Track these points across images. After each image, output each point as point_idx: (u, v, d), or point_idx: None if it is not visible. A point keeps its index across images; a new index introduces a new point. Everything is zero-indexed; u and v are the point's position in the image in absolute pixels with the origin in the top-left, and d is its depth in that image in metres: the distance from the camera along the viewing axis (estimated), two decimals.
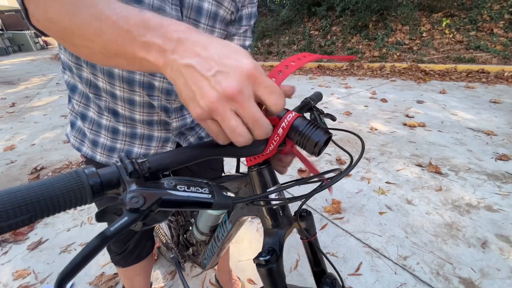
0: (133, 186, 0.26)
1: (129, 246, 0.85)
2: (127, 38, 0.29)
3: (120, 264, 0.90)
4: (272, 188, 0.46)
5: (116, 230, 0.23)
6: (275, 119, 0.37)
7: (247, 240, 1.49)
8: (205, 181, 0.30)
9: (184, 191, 0.28)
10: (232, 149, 0.34)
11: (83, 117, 0.65)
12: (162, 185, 0.27)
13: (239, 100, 0.26)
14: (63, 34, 0.34)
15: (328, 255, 1.36)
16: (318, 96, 0.62)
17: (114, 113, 0.62)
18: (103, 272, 1.33)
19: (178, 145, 0.72)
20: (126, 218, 0.24)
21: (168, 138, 0.69)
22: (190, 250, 0.95)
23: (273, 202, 0.48)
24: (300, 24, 7.77)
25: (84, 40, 0.32)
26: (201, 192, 0.28)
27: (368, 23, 6.42)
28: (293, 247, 1.41)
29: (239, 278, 1.24)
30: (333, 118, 0.60)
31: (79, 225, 1.68)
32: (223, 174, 0.98)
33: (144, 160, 0.28)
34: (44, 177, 2.26)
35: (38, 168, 2.40)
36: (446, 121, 2.81)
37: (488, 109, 3.02)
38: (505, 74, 4.17)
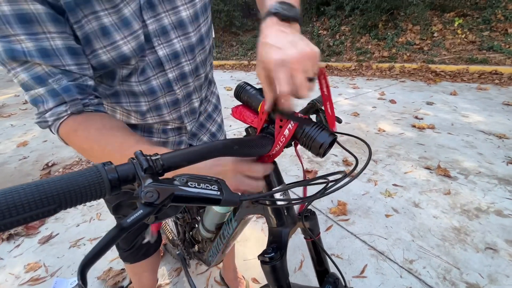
0: (148, 182, 0.27)
1: (137, 243, 0.88)
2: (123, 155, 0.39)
3: (128, 260, 0.92)
4: (277, 188, 0.48)
5: (132, 221, 0.25)
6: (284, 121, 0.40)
7: (252, 240, 1.50)
8: (214, 179, 0.31)
9: (195, 187, 0.29)
10: (240, 149, 0.36)
11: None
12: (175, 181, 0.29)
13: (240, 189, 0.40)
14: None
15: (332, 257, 1.35)
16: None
17: (132, 128, 0.65)
18: (111, 267, 1.37)
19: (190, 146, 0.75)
20: (141, 211, 0.25)
21: (181, 141, 0.72)
22: (196, 247, 0.97)
23: (278, 202, 0.49)
24: (309, 24, 7.73)
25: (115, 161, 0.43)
26: (211, 189, 0.30)
27: (378, 22, 6.33)
28: (298, 247, 1.41)
29: (243, 276, 1.25)
30: (338, 120, 0.60)
31: (88, 220, 1.72)
32: None
33: (158, 157, 0.29)
34: (55, 173, 2.32)
35: (50, 164, 2.46)
36: (457, 123, 2.75)
37: (500, 112, 2.95)
38: None
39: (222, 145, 0.34)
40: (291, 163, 2.24)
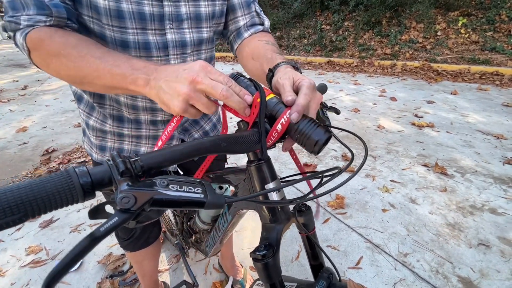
0: (124, 186, 0.25)
1: (136, 232, 0.88)
2: (120, 79, 0.42)
3: (128, 249, 0.93)
4: (266, 190, 0.45)
5: (106, 230, 0.23)
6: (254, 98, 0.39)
7: (250, 230, 1.52)
8: (198, 180, 0.30)
9: (177, 190, 0.28)
10: (228, 146, 0.34)
11: (87, 125, 0.68)
12: (155, 184, 0.27)
13: (199, 80, 0.37)
14: (66, 80, 0.47)
15: (329, 248, 1.38)
16: (322, 88, 0.59)
17: (119, 119, 0.64)
18: (111, 252, 1.39)
19: (183, 142, 0.74)
20: (116, 218, 0.24)
21: (172, 136, 0.70)
22: (194, 237, 0.98)
23: (270, 198, 0.47)
24: (312, 18, 7.65)
25: (85, 84, 0.46)
26: (194, 192, 0.28)
27: (382, 19, 6.29)
28: (295, 238, 1.44)
29: (241, 264, 1.28)
30: (337, 112, 0.58)
31: (89, 206, 1.73)
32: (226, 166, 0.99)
33: (136, 158, 0.28)
34: (55, 160, 2.33)
35: (50, 151, 2.46)
36: (456, 122, 2.78)
37: (499, 112, 2.97)
38: None
39: (209, 142, 0.33)
40: (289, 156, 2.25)
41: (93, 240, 0.23)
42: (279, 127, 0.37)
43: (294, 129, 0.36)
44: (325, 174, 0.41)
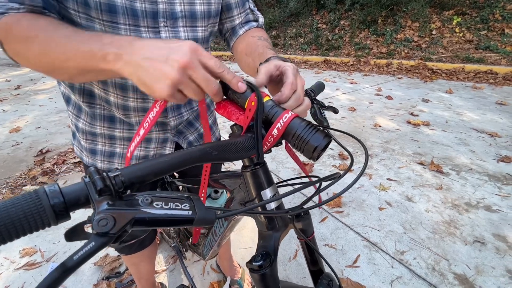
0: (104, 206, 0.23)
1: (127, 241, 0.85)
2: (89, 56, 0.37)
3: (124, 252, 0.91)
4: (262, 202, 0.42)
5: (80, 259, 0.21)
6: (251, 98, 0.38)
7: (247, 229, 1.52)
8: (185, 195, 0.28)
9: (162, 208, 0.25)
10: (219, 154, 0.32)
11: (77, 128, 0.66)
12: (137, 202, 0.25)
13: (192, 66, 0.34)
14: (38, 69, 0.42)
15: (327, 247, 1.39)
16: (319, 87, 0.58)
17: (110, 120, 0.62)
18: (107, 253, 1.37)
19: (177, 144, 0.72)
20: (93, 243, 0.21)
21: (166, 138, 0.69)
22: (191, 240, 0.98)
23: (268, 207, 0.45)
24: (308, 17, 7.66)
25: (56, 70, 0.42)
26: (181, 208, 0.26)
27: (378, 18, 6.31)
28: (293, 237, 1.44)
29: (239, 264, 1.27)
30: (335, 111, 0.57)
31: None
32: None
33: (117, 173, 0.25)
34: (49, 160, 2.29)
35: (44, 151, 2.43)
36: (451, 120, 2.80)
37: (493, 111, 3.00)
38: None
39: (198, 151, 0.30)
40: (287, 155, 2.25)
41: (64, 271, 0.20)
42: (275, 132, 0.35)
43: (291, 134, 0.34)
44: (323, 180, 0.40)
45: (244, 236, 1.48)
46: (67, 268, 0.20)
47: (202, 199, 0.49)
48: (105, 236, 0.22)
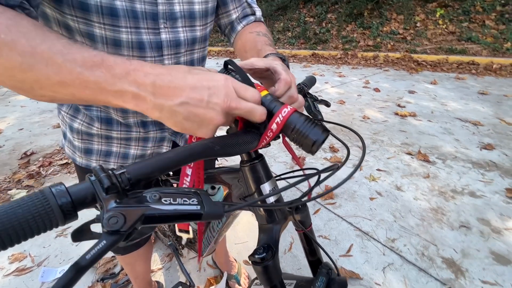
0: (112, 204, 0.23)
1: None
2: (96, 89, 0.31)
3: (119, 252, 0.90)
4: (264, 195, 0.43)
5: (93, 257, 0.21)
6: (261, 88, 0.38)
7: (243, 223, 1.53)
8: (193, 190, 0.27)
9: (170, 204, 0.25)
10: (222, 149, 0.32)
11: (71, 128, 0.64)
12: (145, 199, 0.25)
13: (233, 107, 0.32)
14: (20, 87, 0.32)
15: (321, 238, 1.41)
16: (311, 81, 0.59)
17: (108, 122, 0.61)
18: None
19: (174, 143, 0.72)
20: (104, 241, 0.21)
21: (163, 137, 0.68)
22: (187, 238, 0.97)
23: (268, 201, 0.46)
24: (295, 10, 7.64)
25: (37, 90, 0.32)
26: (189, 204, 0.26)
27: (364, 11, 6.37)
28: (287, 230, 1.46)
29: (235, 259, 1.28)
30: (327, 104, 0.59)
31: None
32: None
33: (122, 171, 0.25)
34: (35, 163, 2.22)
35: (28, 153, 2.35)
36: (436, 111, 2.88)
37: (476, 100, 3.11)
38: (494, 66, 4.27)
39: (201, 147, 0.30)
40: (279, 149, 2.27)
41: (78, 270, 0.20)
42: (274, 126, 0.35)
43: (291, 129, 0.35)
44: (322, 172, 0.40)
45: (239, 231, 1.49)
46: (80, 267, 0.20)
47: None
48: (116, 234, 0.22)
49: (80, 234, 0.25)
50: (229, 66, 0.40)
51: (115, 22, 0.47)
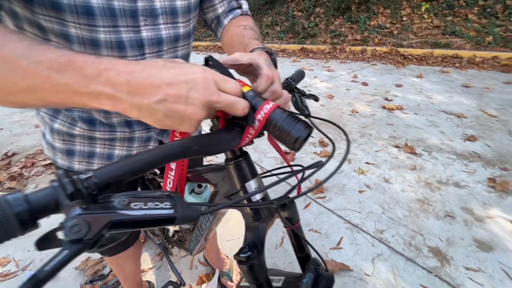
0: (76, 210, 0.22)
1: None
2: (69, 92, 0.29)
3: (106, 254, 0.88)
4: (246, 195, 0.42)
5: (54, 268, 0.19)
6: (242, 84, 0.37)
7: (234, 220, 1.53)
8: (166, 193, 0.26)
9: (141, 208, 0.24)
10: (200, 149, 0.30)
11: (52, 129, 0.61)
12: (113, 204, 0.24)
13: (214, 100, 0.30)
14: None
15: (311, 232, 1.43)
16: (300, 75, 0.58)
17: (90, 122, 0.59)
18: (89, 257, 1.32)
19: (161, 143, 0.70)
20: (66, 251, 0.20)
21: (150, 137, 0.67)
22: (176, 236, 0.96)
23: (254, 198, 0.45)
24: (283, 4, 7.59)
25: (16, 97, 0.31)
26: (161, 207, 0.25)
27: (351, 5, 6.39)
28: (279, 224, 1.47)
29: (227, 256, 1.28)
30: (315, 99, 0.58)
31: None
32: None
33: (89, 175, 0.23)
34: (17, 164, 2.14)
35: (9, 154, 2.26)
36: (422, 104, 2.94)
37: (460, 93, 3.19)
38: (476, 59, 4.39)
39: (178, 147, 0.29)
40: (269, 145, 2.26)
41: (36, 284, 0.19)
42: (256, 123, 0.34)
43: (273, 125, 0.34)
44: (306, 169, 0.40)
45: (230, 228, 1.48)
46: (38, 280, 0.19)
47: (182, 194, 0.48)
48: (80, 242, 0.21)
49: (46, 242, 0.23)
50: (210, 62, 0.38)
51: (92, 22, 0.45)
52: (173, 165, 0.47)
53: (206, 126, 0.46)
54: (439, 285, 1.14)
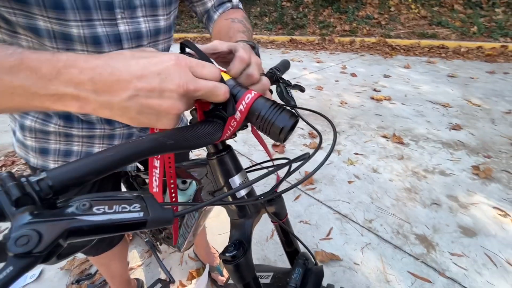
0: (23, 219, 0.18)
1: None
2: (26, 95, 0.25)
3: (90, 254, 0.86)
4: (234, 189, 0.38)
5: None
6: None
7: (223, 214, 1.51)
8: (135, 195, 0.24)
9: (104, 213, 0.21)
10: (176, 143, 0.28)
11: (22, 127, 0.57)
12: (71, 209, 0.21)
13: (191, 89, 0.28)
14: None
15: (301, 223, 1.43)
16: (285, 65, 0.56)
17: (67, 118, 0.55)
18: (74, 256, 1.29)
19: None
20: (10, 268, 0.17)
21: (131, 133, 0.64)
22: (164, 233, 0.94)
23: (238, 194, 0.43)
24: None
25: None
26: (129, 211, 0.22)
27: None
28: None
29: (217, 251, 1.27)
30: (302, 89, 0.56)
31: None
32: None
33: (41, 177, 0.20)
34: None
35: None
36: (409, 94, 2.98)
37: (445, 83, 3.24)
38: (461, 49, 4.46)
39: (150, 142, 0.26)
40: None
41: None
42: (237, 114, 0.32)
43: (256, 116, 0.32)
44: (293, 161, 0.38)
45: (220, 222, 1.47)
46: None
47: (173, 193, 0.45)
48: (28, 256, 0.18)
49: None
50: (186, 49, 0.35)
51: (62, 16, 0.41)
52: (156, 163, 0.43)
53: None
54: (425, 271, 1.16)
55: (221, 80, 0.32)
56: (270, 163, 0.49)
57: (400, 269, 1.18)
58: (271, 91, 0.42)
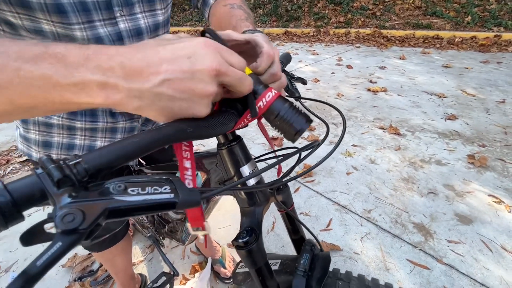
0: (66, 199, 0.20)
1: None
2: (45, 86, 0.23)
3: (94, 250, 0.86)
4: (244, 178, 0.41)
5: (47, 263, 0.17)
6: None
7: (225, 208, 1.52)
8: (164, 178, 0.25)
9: (138, 194, 0.22)
10: (195, 131, 0.28)
11: (25, 120, 0.57)
12: (108, 191, 0.22)
13: (223, 71, 0.27)
14: None
15: (301, 215, 1.45)
16: (287, 58, 0.58)
17: (70, 112, 0.55)
18: (76, 253, 1.29)
19: None
20: (59, 243, 0.18)
21: (133, 127, 0.64)
22: (167, 227, 0.94)
23: (249, 183, 0.44)
24: None
25: None
26: (161, 192, 0.23)
27: None
28: (269, 210, 1.48)
29: (219, 244, 1.28)
30: (304, 82, 0.58)
31: (41, 209, 1.56)
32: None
33: (78, 160, 0.21)
34: None
35: None
36: (405, 85, 2.99)
37: (440, 73, 3.26)
38: (456, 40, 4.48)
39: (172, 129, 0.27)
40: (257, 131, 2.24)
41: (27, 281, 0.17)
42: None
43: (274, 115, 0.33)
44: (302, 150, 0.39)
45: (222, 216, 1.48)
46: (30, 277, 0.17)
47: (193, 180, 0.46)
48: (74, 233, 0.19)
49: (32, 237, 0.21)
50: (207, 35, 0.35)
51: (65, 20, 0.42)
52: (187, 164, 0.44)
53: None
54: (424, 259, 1.19)
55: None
56: (278, 153, 0.50)
57: (399, 257, 1.20)
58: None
